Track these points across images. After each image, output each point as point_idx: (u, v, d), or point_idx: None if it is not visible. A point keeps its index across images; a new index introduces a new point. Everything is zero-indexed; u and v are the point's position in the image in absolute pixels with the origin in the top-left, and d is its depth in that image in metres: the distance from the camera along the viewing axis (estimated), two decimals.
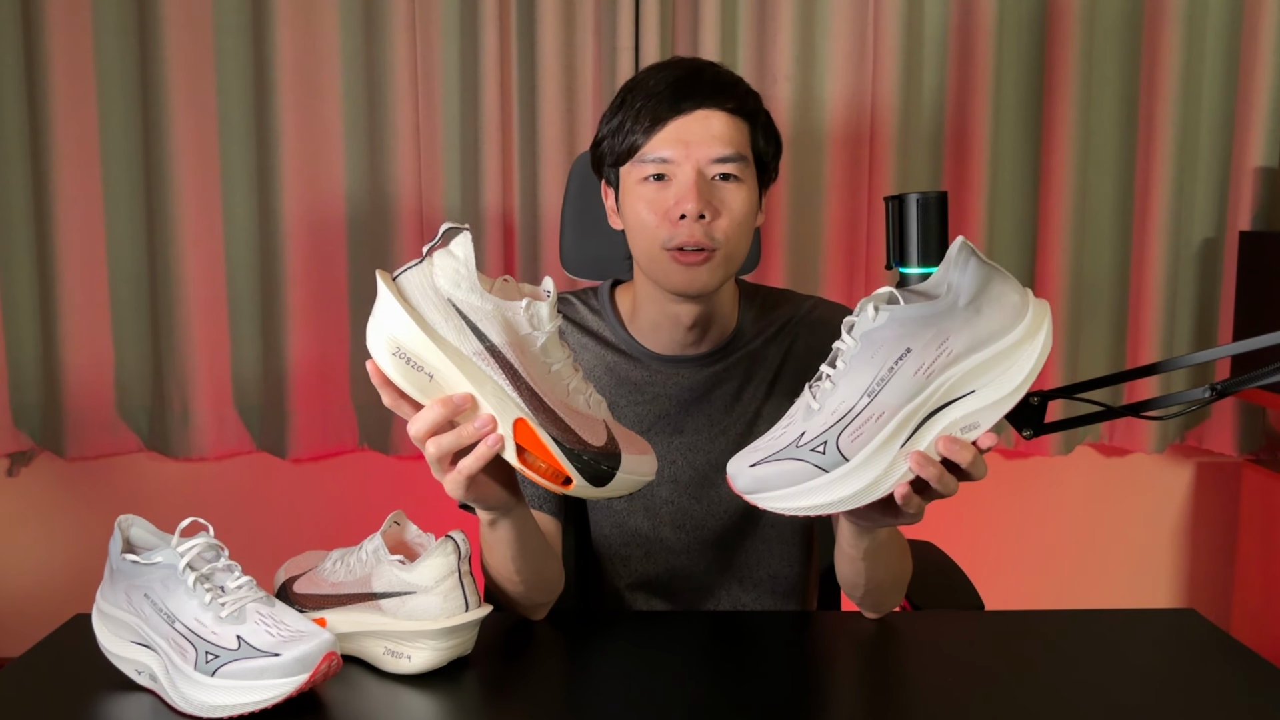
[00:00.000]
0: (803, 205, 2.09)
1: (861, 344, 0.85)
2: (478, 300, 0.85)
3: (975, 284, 0.85)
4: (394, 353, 0.84)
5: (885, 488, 0.84)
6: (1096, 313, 2.16)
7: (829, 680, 0.98)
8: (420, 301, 0.85)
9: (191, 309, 2.09)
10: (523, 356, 0.86)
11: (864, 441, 0.83)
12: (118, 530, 0.95)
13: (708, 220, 1.07)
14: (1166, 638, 1.04)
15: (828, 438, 0.84)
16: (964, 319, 0.84)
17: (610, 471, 0.87)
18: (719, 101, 1.09)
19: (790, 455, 0.84)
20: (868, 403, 0.84)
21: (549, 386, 0.87)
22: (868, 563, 1.02)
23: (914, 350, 0.84)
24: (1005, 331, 0.85)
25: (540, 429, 0.85)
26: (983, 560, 1.69)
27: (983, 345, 0.84)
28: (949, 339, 0.84)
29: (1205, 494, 2.32)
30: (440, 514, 1.39)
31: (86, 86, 2.06)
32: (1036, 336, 0.85)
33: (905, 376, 0.83)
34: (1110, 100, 2.11)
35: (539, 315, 0.87)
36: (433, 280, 0.86)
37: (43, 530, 2.24)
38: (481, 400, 0.85)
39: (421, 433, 0.86)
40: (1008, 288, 0.86)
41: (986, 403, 0.84)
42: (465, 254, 0.86)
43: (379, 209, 2.09)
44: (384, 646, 0.93)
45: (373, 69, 2.06)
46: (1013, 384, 0.84)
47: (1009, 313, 0.85)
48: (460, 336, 0.85)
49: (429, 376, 0.85)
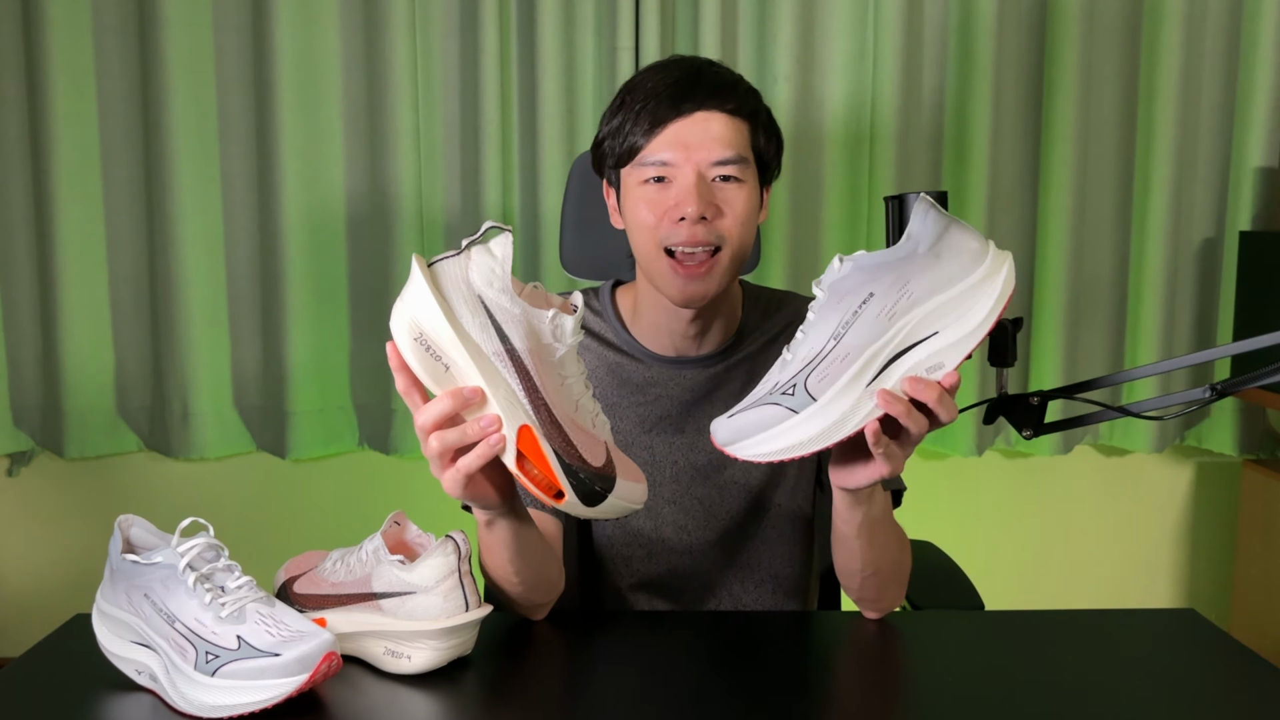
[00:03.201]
0: (803, 205, 2.09)
1: (828, 294, 0.88)
2: (507, 302, 0.86)
3: (934, 232, 0.87)
4: (415, 338, 0.85)
5: (853, 424, 0.86)
6: (1096, 313, 2.16)
7: (829, 680, 0.98)
8: (451, 292, 0.86)
9: (191, 309, 2.09)
10: (540, 365, 0.87)
11: (830, 381, 0.86)
12: (118, 530, 0.95)
13: (709, 221, 1.07)
14: (1166, 638, 1.04)
15: (796, 380, 0.87)
16: (924, 263, 0.86)
17: (603, 494, 0.88)
18: (718, 103, 1.09)
19: (764, 401, 0.87)
20: (833, 345, 0.87)
21: (559, 399, 0.87)
22: (862, 541, 1.02)
23: (876, 294, 0.86)
24: (965, 274, 0.87)
25: (543, 439, 0.86)
26: (983, 560, 1.69)
27: (943, 288, 0.86)
28: (910, 282, 0.86)
29: (1205, 494, 2.32)
30: (440, 514, 1.39)
31: (86, 86, 2.06)
32: (996, 277, 0.86)
33: (869, 319, 0.86)
34: (1110, 100, 2.10)
35: (563, 328, 0.87)
36: (467, 274, 0.86)
37: (43, 530, 2.24)
38: (492, 399, 0.85)
39: (428, 424, 0.86)
40: (966, 235, 0.88)
41: (949, 342, 0.86)
42: (504, 255, 0.86)
43: (379, 209, 2.09)
44: (384, 646, 0.93)
45: (373, 69, 2.06)
46: (974, 322, 0.86)
47: (968, 257, 0.87)
48: (483, 334, 0.85)
49: (445, 368, 0.85)
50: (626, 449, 1.18)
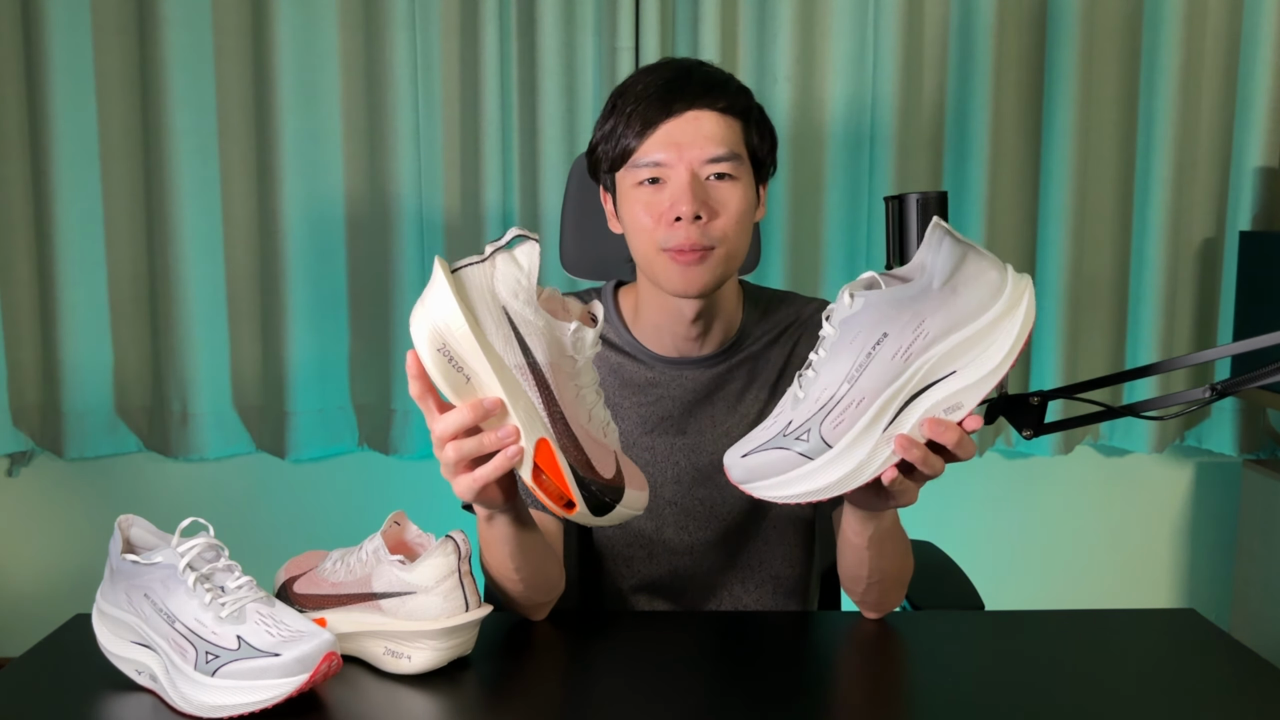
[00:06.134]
0: (803, 205, 2.09)
1: (840, 331, 0.86)
2: (531, 315, 0.85)
3: (950, 263, 0.84)
4: (439, 348, 0.84)
5: (870, 472, 0.84)
6: (1096, 313, 2.16)
7: (829, 680, 0.98)
8: (476, 302, 0.84)
9: (191, 309, 2.09)
10: (558, 377, 0.86)
11: (845, 428, 0.84)
12: (118, 530, 0.95)
13: (704, 221, 1.07)
14: (1166, 638, 1.04)
15: (811, 425, 0.85)
16: (940, 299, 0.84)
17: (611, 504, 0.88)
18: (709, 101, 1.09)
19: (777, 444, 0.86)
20: (848, 389, 0.84)
21: (575, 411, 0.87)
22: (872, 551, 1.02)
23: (890, 334, 0.84)
24: (983, 310, 0.84)
25: (559, 453, 0.86)
26: (983, 560, 1.69)
27: (960, 325, 0.84)
28: (925, 321, 0.84)
29: (1205, 494, 2.32)
30: (440, 514, 1.38)
31: (86, 86, 2.06)
32: (1016, 311, 0.84)
33: (883, 361, 0.84)
34: (1110, 100, 2.11)
35: (584, 340, 0.87)
36: (492, 284, 0.85)
37: (43, 530, 2.24)
38: (512, 411, 0.85)
39: (446, 434, 0.85)
40: (984, 264, 0.85)
41: (968, 382, 0.84)
42: (530, 266, 0.85)
43: (379, 209, 2.09)
44: (384, 646, 0.93)
45: (373, 69, 2.06)
46: (993, 362, 0.84)
47: (986, 290, 0.84)
48: (507, 346, 0.84)
49: (466, 378, 0.84)
50: (628, 450, 1.18)
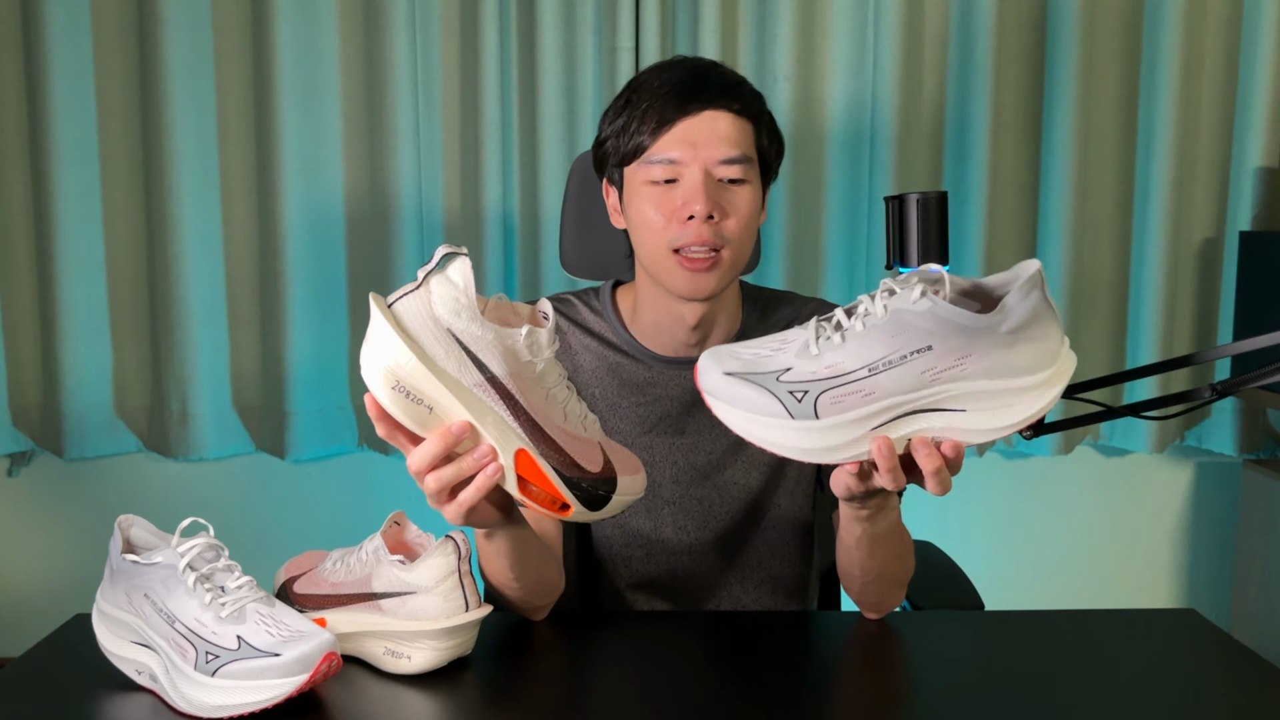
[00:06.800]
0: (803, 205, 2.09)
1: (889, 318, 0.82)
2: (478, 330, 0.83)
3: (1026, 316, 0.81)
4: (393, 386, 0.82)
5: (837, 457, 0.83)
6: (1096, 312, 2.16)
7: (829, 680, 0.98)
8: (419, 332, 0.82)
9: (191, 309, 2.09)
10: (522, 385, 0.85)
11: (841, 410, 0.82)
12: (118, 530, 0.95)
13: (716, 221, 1.07)
14: (1166, 638, 1.04)
15: (809, 389, 0.82)
16: (996, 343, 0.81)
17: (606, 496, 0.87)
18: (725, 102, 1.09)
19: (767, 385, 0.83)
20: (865, 376, 0.82)
21: (547, 414, 0.86)
22: (860, 553, 1.02)
23: (934, 349, 0.81)
24: (1028, 372, 0.82)
25: (541, 459, 0.85)
26: (983, 560, 1.69)
27: (999, 376, 0.82)
28: (970, 356, 0.81)
29: (1205, 494, 2.32)
30: (440, 514, 1.38)
31: (86, 87, 2.06)
32: (1048, 391, 0.83)
33: (912, 370, 0.81)
34: (1110, 100, 2.11)
35: (538, 342, 0.85)
36: (431, 309, 0.83)
37: (43, 530, 2.24)
38: (482, 431, 0.84)
39: (421, 467, 0.84)
40: (1051, 331, 0.83)
41: (973, 427, 0.83)
42: (465, 281, 0.82)
43: (379, 209, 2.09)
44: (384, 646, 0.93)
45: (373, 69, 2.06)
46: (1004, 421, 0.83)
47: (1041, 356, 0.83)
48: (461, 368, 0.83)
49: (429, 409, 0.83)
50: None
